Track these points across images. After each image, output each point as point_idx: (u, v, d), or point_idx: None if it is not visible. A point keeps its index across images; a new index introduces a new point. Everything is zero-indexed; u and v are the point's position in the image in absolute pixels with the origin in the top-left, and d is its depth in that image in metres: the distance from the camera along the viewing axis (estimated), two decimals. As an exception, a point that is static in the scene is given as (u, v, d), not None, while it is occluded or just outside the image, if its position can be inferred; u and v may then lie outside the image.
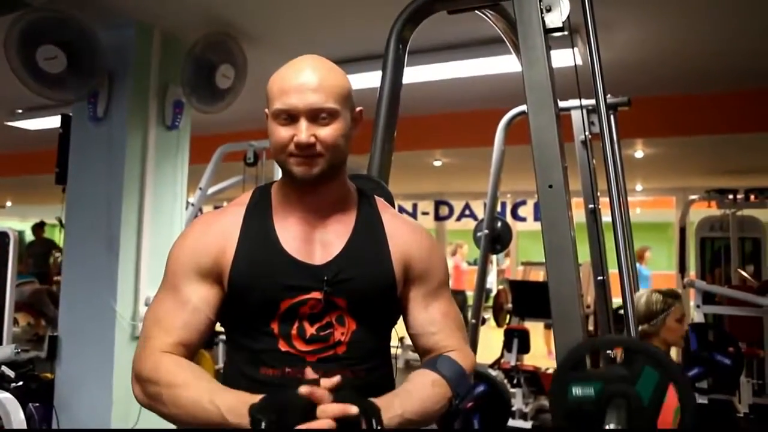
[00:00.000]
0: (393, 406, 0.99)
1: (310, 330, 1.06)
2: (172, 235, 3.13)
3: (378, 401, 0.97)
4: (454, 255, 8.58)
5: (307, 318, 1.06)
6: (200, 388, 0.97)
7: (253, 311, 1.07)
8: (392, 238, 1.14)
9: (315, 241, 1.10)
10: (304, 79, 1.05)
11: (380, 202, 1.21)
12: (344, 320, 1.08)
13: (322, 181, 1.08)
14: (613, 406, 1.11)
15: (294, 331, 1.06)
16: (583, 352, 1.25)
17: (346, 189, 1.17)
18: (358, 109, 1.15)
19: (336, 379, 0.95)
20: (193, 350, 1.08)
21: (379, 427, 0.92)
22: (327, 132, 1.05)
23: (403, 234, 1.16)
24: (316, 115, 1.04)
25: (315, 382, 0.95)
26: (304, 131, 1.04)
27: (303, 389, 0.91)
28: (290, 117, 1.05)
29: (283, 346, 1.05)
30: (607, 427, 1.09)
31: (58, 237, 4.61)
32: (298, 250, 1.09)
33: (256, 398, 0.92)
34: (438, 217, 9.02)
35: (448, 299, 1.21)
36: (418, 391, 1.05)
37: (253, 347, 1.08)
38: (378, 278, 1.11)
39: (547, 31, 1.43)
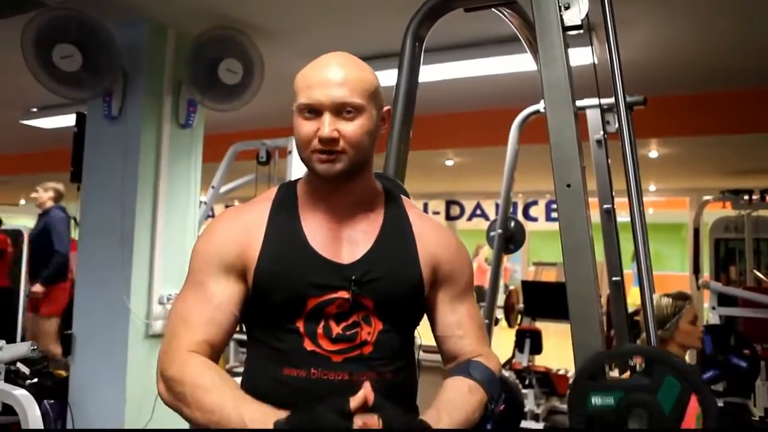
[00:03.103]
0: (442, 420, 0.99)
1: (337, 329, 1.04)
2: (185, 233, 3.14)
3: (426, 418, 0.97)
4: (476, 256, 9.17)
5: (333, 317, 1.05)
6: (225, 395, 0.96)
7: (279, 308, 1.05)
8: (420, 239, 1.13)
9: (342, 240, 1.09)
10: (330, 73, 1.04)
11: (407, 201, 1.20)
12: (371, 320, 1.06)
13: (346, 179, 1.07)
14: (635, 416, 1.11)
15: (320, 330, 1.04)
16: (603, 361, 1.25)
17: (373, 188, 1.15)
18: (386, 108, 1.13)
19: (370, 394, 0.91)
20: (219, 347, 1.06)
21: None
22: (351, 128, 1.03)
23: (431, 235, 1.15)
24: (340, 110, 1.03)
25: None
26: (327, 125, 1.02)
27: (353, 402, 0.89)
28: (314, 111, 1.03)
29: (308, 345, 1.04)
30: None
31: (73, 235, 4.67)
32: (325, 248, 1.07)
33: (281, 414, 0.90)
34: (449, 217, 9.00)
35: (473, 301, 1.20)
36: (459, 401, 1.05)
37: (277, 345, 1.06)
38: (406, 279, 1.09)
39: (566, 29, 1.42)
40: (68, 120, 4.37)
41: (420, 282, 1.10)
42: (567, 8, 1.42)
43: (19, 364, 3.01)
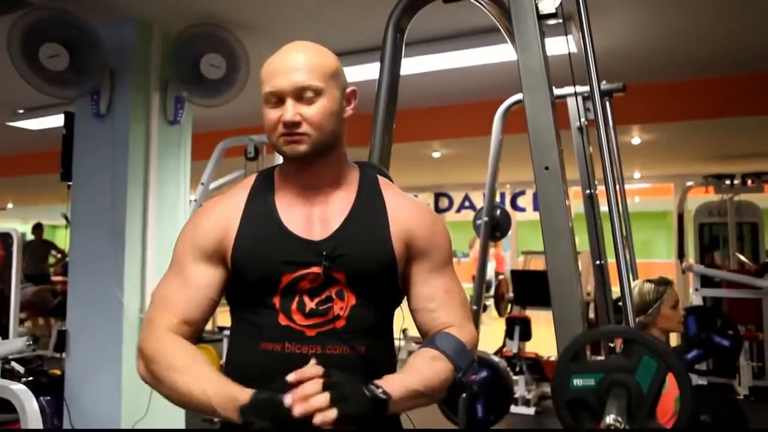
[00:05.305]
0: (394, 380, 1.03)
1: (310, 304, 1.09)
2: (176, 228, 3.17)
3: (379, 382, 1.01)
4: (473, 246, 9.34)
5: (306, 292, 1.09)
6: (196, 376, 1.02)
7: (255, 286, 1.11)
8: (393, 216, 1.17)
9: (314, 218, 1.14)
10: (289, 60, 1.11)
11: (383, 181, 1.24)
12: (344, 294, 1.10)
13: (313, 159, 1.12)
14: (614, 396, 1.15)
15: (294, 305, 1.09)
16: (583, 343, 1.29)
17: (345, 168, 1.20)
18: (350, 88, 1.18)
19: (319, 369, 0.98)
20: (196, 328, 1.12)
21: (382, 393, 0.98)
22: (312, 110, 1.09)
23: (405, 211, 1.19)
24: (300, 94, 1.09)
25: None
26: (289, 110, 1.08)
27: (291, 377, 0.95)
28: (278, 99, 1.10)
29: (283, 320, 1.09)
30: (608, 418, 1.12)
31: (62, 238, 4.66)
32: (298, 227, 1.12)
33: (246, 394, 0.96)
34: (438, 209, 9.07)
35: (451, 276, 1.22)
36: (418, 366, 1.09)
37: (254, 321, 1.11)
38: (376, 253, 1.13)
39: (541, 17, 1.47)
40: (55, 121, 4.37)
41: (391, 257, 1.14)
42: (542, -3, 1.47)
43: (13, 363, 3.03)
